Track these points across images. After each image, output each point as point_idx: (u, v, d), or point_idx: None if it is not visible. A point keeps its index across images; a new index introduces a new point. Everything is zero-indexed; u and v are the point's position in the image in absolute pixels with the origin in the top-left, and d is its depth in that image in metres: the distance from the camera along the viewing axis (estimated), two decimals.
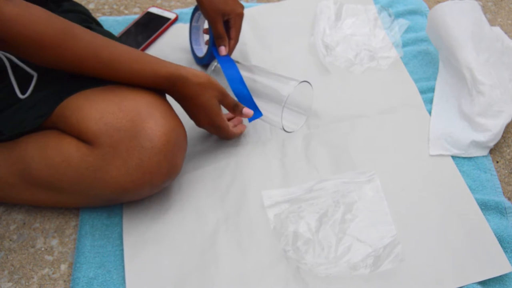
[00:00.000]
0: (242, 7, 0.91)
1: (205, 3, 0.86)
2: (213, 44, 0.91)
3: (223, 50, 0.88)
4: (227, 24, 0.90)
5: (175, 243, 0.75)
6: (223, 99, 0.78)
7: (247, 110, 0.80)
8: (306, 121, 0.90)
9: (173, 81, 0.72)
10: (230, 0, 0.88)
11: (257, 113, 0.82)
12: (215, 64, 0.88)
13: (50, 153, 0.71)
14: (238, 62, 0.89)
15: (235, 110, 0.80)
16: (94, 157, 0.68)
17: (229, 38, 0.90)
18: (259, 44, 0.91)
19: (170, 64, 0.73)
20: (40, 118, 0.72)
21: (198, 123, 0.80)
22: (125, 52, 0.70)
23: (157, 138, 0.68)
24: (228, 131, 0.82)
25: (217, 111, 0.77)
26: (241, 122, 0.88)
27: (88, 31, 0.69)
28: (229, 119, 0.88)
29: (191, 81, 0.73)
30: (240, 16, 0.90)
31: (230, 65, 0.86)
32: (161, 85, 0.73)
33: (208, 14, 0.87)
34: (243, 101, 0.83)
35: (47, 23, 0.65)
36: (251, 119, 0.82)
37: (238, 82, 0.83)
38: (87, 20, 0.89)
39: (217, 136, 0.86)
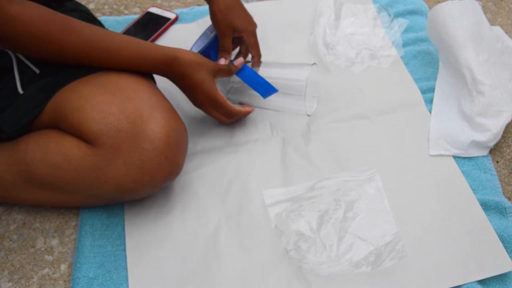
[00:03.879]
0: (255, 25, 0.91)
1: (217, 14, 0.87)
2: (209, 48, 0.90)
3: (222, 61, 0.87)
4: (240, 40, 0.91)
5: (177, 244, 0.75)
6: (217, 70, 0.80)
7: (239, 60, 0.83)
8: (306, 120, 0.90)
9: (169, 63, 0.75)
10: (243, 15, 0.89)
11: (272, 89, 0.82)
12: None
13: (51, 152, 0.71)
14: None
15: (230, 69, 0.82)
16: (95, 156, 0.68)
17: (252, 56, 0.91)
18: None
19: (166, 47, 0.76)
20: (37, 107, 0.72)
21: (198, 103, 0.82)
22: (122, 40, 0.73)
23: (158, 140, 0.68)
24: (228, 106, 0.82)
25: (212, 85, 0.79)
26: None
27: (86, 24, 0.71)
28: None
29: (184, 60, 0.76)
30: (253, 33, 0.90)
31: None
32: (159, 68, 0.76)
33: (219, 27, 0.87)
34: (256, 84, 0.83)
35: (48, 20, 0.67)
36: (265, 95, 0.82)
37: (245, 71, 0.83)
38: (90, 20, 0.89)
39: (222, 120, 0.85)
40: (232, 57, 0.92)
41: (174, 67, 0.76)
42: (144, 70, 0.75)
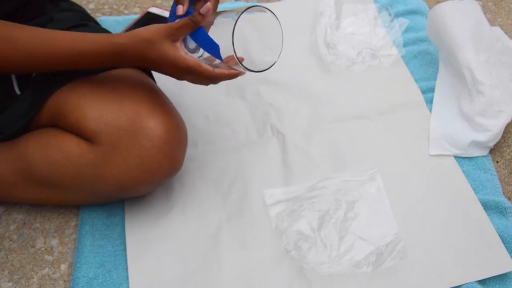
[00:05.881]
0: None
1: None
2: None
3: (180, 9, 0.71)
4: None
5: (177, 243, 0.75)
6: (176, 30, 0.65)
7: (206, 6, 0.66)
8: (307, 119, 0.90)
9: (118, 53, 0.65)
10: None
11: (215, 45, 0.66)
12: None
13: (51, 150, 0.71)
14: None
15: (195, 21, 0.65)
16: (94, 154, 0.68)
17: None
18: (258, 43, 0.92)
19: (111, 36, 0.66)
20: (34, 108, 0.72)
21: (175, 77, 0.69)
22: (63, 42, 0.64)
23: (157, 138, 0.68)
24: (205, 71, 0.66)
25: (176, 52, 0.65)
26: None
27: (26, 28, 0.64)
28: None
29: (129, 45, 0.65)
30: None
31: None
32: (109, 62, 0.67)
33: None
34: (206, 43, 0.67)
35: None
36: (218, 55, 0.66)
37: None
38: (85, 19, 0.88)
39: (205, 84, 0.71)
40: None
41: (124, 56, 0.65)
42: (97, 67, 0.68)
